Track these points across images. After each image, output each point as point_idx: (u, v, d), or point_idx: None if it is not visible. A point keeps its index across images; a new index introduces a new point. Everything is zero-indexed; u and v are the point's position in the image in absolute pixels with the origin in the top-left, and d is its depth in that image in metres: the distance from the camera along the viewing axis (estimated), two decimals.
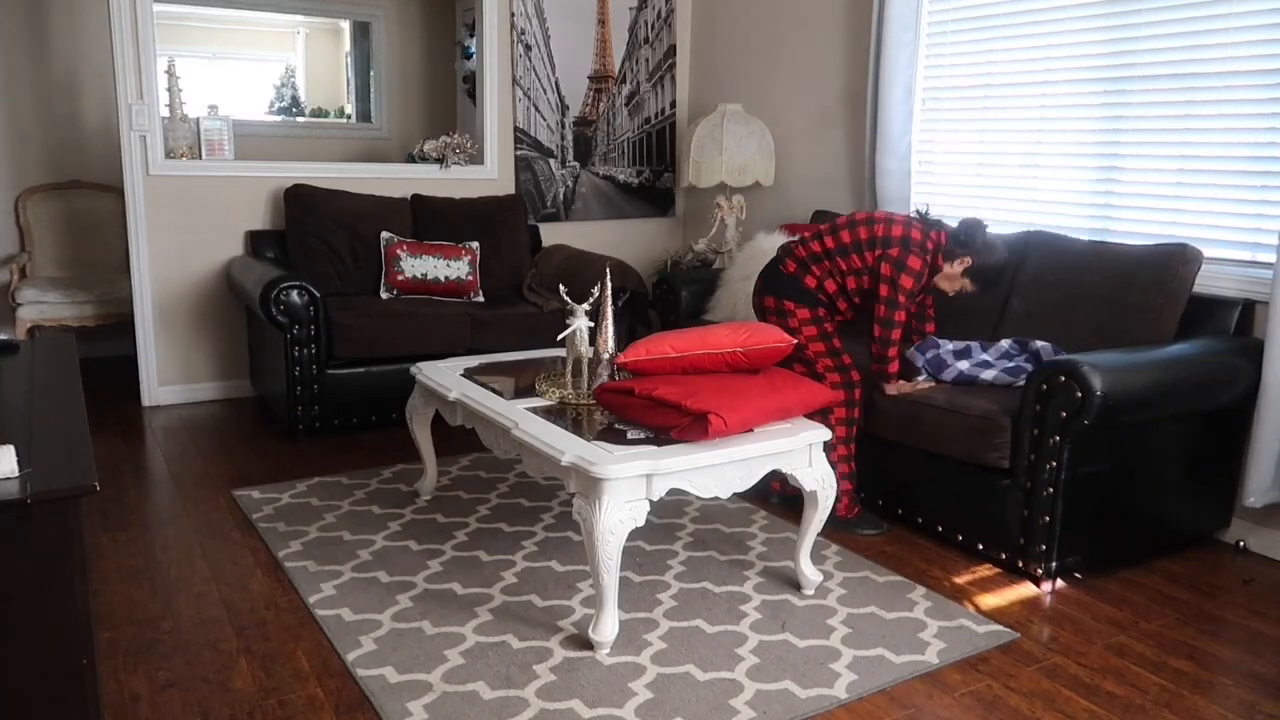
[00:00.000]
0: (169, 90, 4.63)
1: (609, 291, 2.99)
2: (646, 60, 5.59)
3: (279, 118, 6.32)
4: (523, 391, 2.98)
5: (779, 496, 3.42)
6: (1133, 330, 3.10)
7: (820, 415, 2.98)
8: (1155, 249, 3.19)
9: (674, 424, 2.46)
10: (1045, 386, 2.75)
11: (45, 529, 1.47)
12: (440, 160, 5.05)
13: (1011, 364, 3.15)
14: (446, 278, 4.54)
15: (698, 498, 3.42)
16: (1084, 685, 2.36)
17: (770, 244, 4.16)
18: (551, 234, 5.34)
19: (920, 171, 4.27)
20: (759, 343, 2.74)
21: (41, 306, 4.81)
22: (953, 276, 3.10)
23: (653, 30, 5.57)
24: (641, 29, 5.54)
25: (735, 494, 2.59)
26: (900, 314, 3.08)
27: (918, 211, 3.21)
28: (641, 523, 2.37)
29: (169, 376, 4.64)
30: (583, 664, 2.37)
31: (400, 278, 4.49)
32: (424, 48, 6.48)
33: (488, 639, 2.48)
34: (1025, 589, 2.87)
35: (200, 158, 4.58)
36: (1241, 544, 3.21)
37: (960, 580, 2.92)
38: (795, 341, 2.84)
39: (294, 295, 3.90)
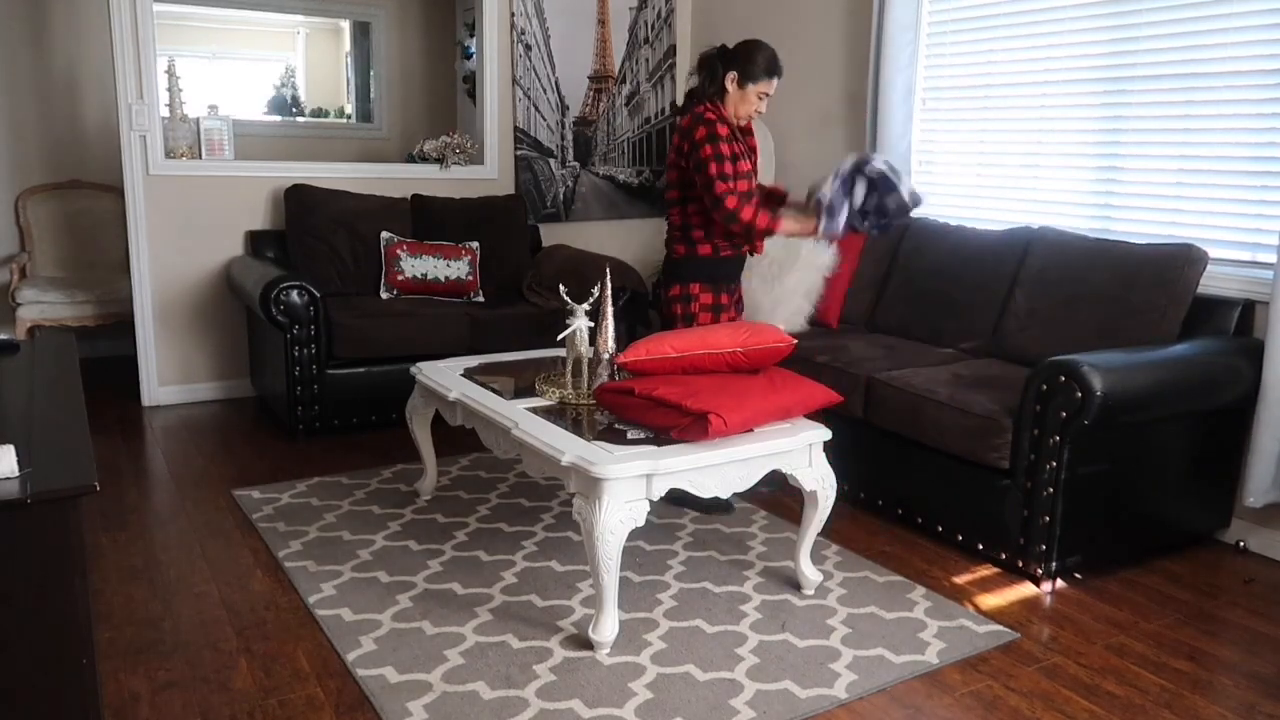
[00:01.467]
0: (169, 90, 4.63)
1: (609, 291, 2.99)
2: (646, 60, 5.59)
3: (279, 118, 6.32)
4: (523, 391, 2.98)
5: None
6: (1136, 330, 3.10)
7: None
8: (1160, 248, 3.19)
9: (674, 424, 2.46)
10: (1045, 386, 2.75)
11: (45, 529, 1.47)
12: (440, 160, 5.05)
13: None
14: (446, 278, 4.54)
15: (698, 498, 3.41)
16: (1084, 685, 2.36)
17: (770, 244, 4.14)
18: (551, 234, 5.34)
19: (920, 171, 4.28)
20: (759, 343, 2.74)
21: (41, 306, 4.81)
22: (741, 99, 3.09)
23: (653, 30, 5.57)
24: (641, 29, 5.54)
25: (735, 494, 2.58)
26: (731, 200, 2.99)
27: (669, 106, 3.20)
28: (641, 523, 2.37)
29: (169, 376, 4.64)
30: (583, 664, 2.37)
31: (400, 278, 4.49)
32: (424, 48, 6.48)
33: (488, 639, 2.48)
34: (1025, 589, 2.87)
35: (200, 158, 4.58)
36: (1241, 544, 3.21)
37: (960, 580, 2.92)
38: (795, 342, 2.84)
39: (294, 295, 3.90)
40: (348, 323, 4.07)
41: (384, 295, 4.50)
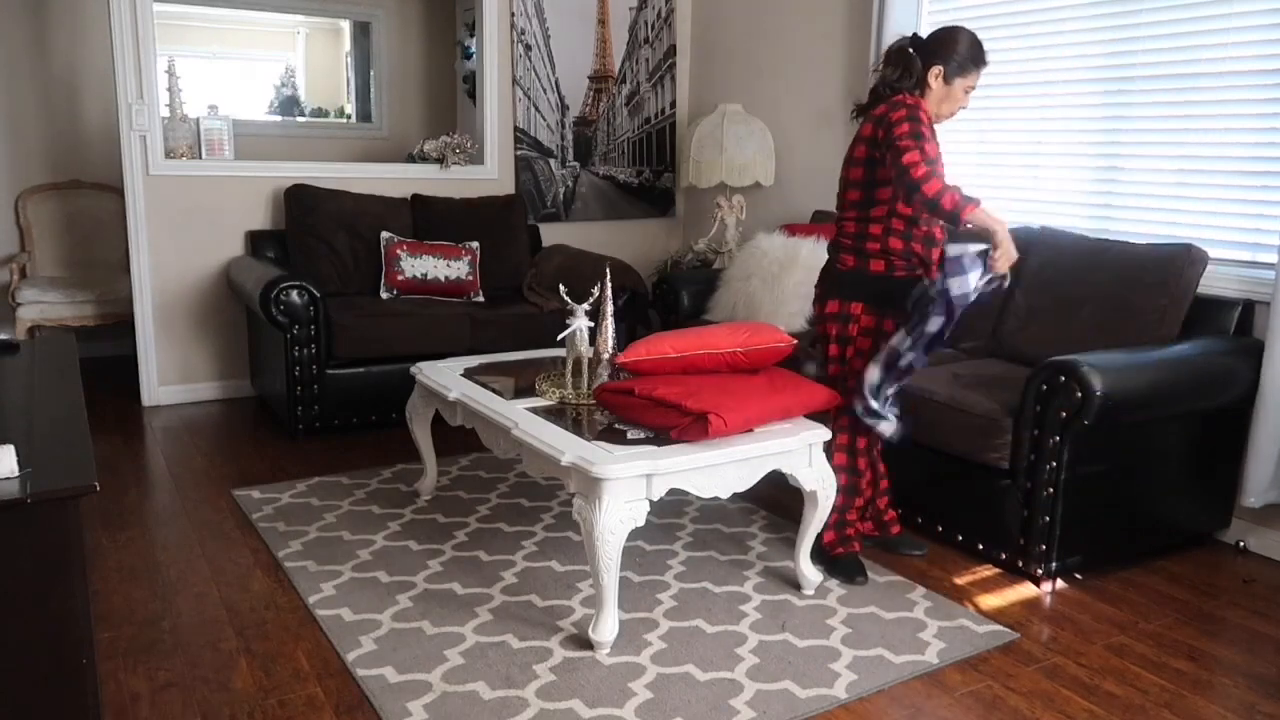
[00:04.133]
0: (169, 90, 4.63)
1: (609, 291, 2.99)
2: (646, 60, 5.59)
3: (279, 118, 6.32)
4: (523, 391, 2.98)
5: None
6: (1136, 330, 3.10)
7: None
8: (1160, 249, 3.19)
9: (674, 424, 2.46)
10: (1045, 386, 2.75)
11: (45, 529, 1.47)
12: (440, 160, 5.05)
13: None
14: (446, 278, 4.54)
15: (698, 498, 3.42)
16: (1084, 685, 2.36)
17: (770, 244, 4.16)
18: (551, 234, 5.34)
19: None
20: (759, 343, 2.74)
21: (41, 306, 4.81)
22: (946, 97, 2.74)
23: (653, 30, 5.57)
24: (641, 29, 5.54)
25: (735, 494, 2.59)
26: (921, 169, 2.52)
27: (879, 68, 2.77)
28: (641, 523, 2.37)
29: (169, 376, 4.64)
30: (583, 664, 2.37)
31: (400, 278, 4.49)
32: (424, 48, 6.48)
33: (488, 639, 2.48)
34: (1025, 589, 2.87)
35: (200, 158, 4.58)
36: (1241, 544, 3.21)
37: (960, 580, 2.92)
38: (795, 342, 2.83)
39: (294, 295, 3.90)
40: (348, 323, 4.07)
41: (384, 295, 4.50)
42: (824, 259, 4.10)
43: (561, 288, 3.21)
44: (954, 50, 2.71)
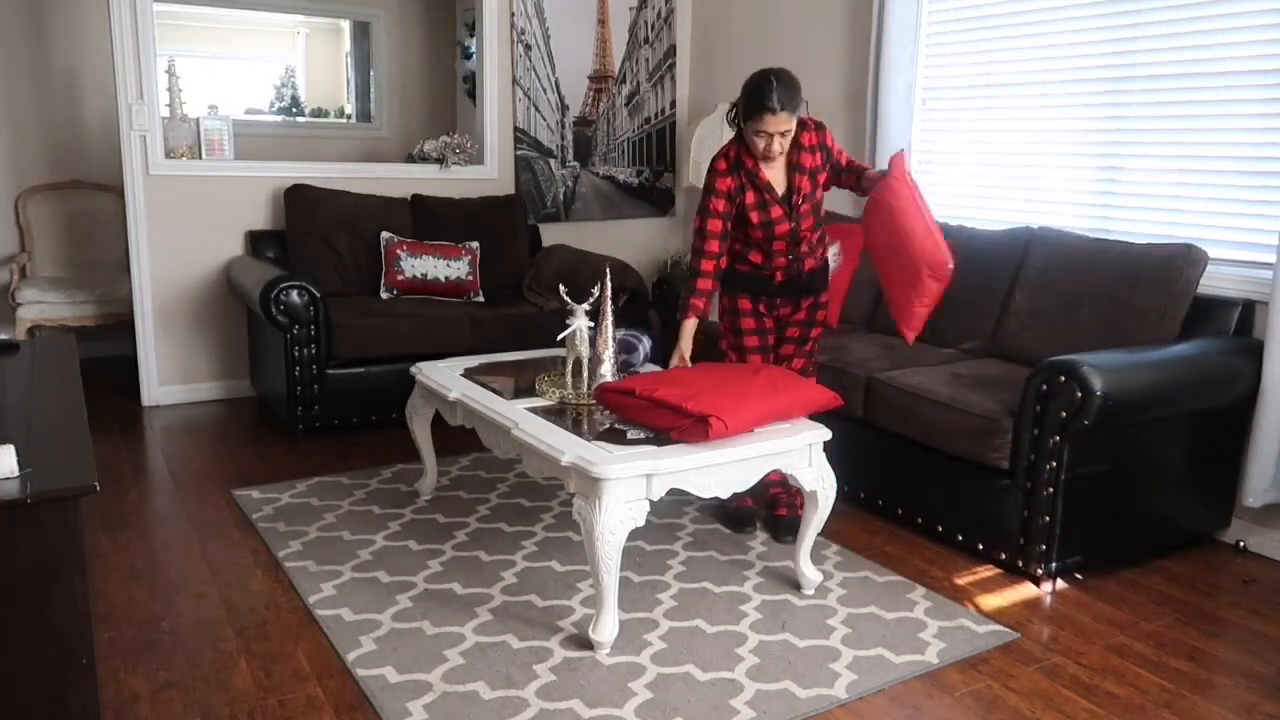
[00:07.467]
0: (169, 90, 4.63)
1: (609, 291, 2.99)
2: (646, 60, 5.59)
3: (279, 118, 6.32)
4: (523, 391, 2.98)
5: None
6: (1136, 330, 3.10)
7: None
8: (1160, 249, 3.19)
9: (674, 425, 2.46)
10: (1045, 387, 2.75)
11: (45, 529, 1.47)
12: (440, 160, 5.05)
13: None
14: (446, 278, 4.54)
15: (698, 498, 3.41)
16: (1084, 685, 2.36)
17: None
18: (551, 234, 5.33)
19: (920, 171, 4.27)
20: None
21: (41, 306, 4.80)
22: (748, 138, 2.90)
23: (653, 30, 5.57)
24: (641, 29, 5.54)
25: (735, 494, 2.59)
26: (706, 243, 2.96)
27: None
28: (641, 523, 2.37)
29: (169, 376, 4.64)
30: (583, 664, 2.37)
31: (400, 278, 4.49)
32: (424, 48, 6.48)
33: (488, 639, 2.48)
34: (1025, 589, 2.87)
35: (200, 157, 4.58)
36: (1241, 544, 3.21)
37: (960, 580, 2.92)
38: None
39: (294, 295, 3.90)
40: (348, 323, 4.07)
41: (384, 295, 4.50)
42: (822, 259, 4.08)
43: (561, 288, 3.21)
44: (742, 96, 2.88)
